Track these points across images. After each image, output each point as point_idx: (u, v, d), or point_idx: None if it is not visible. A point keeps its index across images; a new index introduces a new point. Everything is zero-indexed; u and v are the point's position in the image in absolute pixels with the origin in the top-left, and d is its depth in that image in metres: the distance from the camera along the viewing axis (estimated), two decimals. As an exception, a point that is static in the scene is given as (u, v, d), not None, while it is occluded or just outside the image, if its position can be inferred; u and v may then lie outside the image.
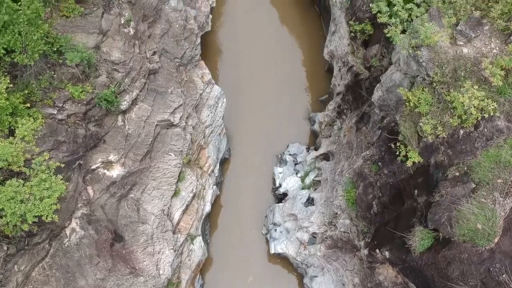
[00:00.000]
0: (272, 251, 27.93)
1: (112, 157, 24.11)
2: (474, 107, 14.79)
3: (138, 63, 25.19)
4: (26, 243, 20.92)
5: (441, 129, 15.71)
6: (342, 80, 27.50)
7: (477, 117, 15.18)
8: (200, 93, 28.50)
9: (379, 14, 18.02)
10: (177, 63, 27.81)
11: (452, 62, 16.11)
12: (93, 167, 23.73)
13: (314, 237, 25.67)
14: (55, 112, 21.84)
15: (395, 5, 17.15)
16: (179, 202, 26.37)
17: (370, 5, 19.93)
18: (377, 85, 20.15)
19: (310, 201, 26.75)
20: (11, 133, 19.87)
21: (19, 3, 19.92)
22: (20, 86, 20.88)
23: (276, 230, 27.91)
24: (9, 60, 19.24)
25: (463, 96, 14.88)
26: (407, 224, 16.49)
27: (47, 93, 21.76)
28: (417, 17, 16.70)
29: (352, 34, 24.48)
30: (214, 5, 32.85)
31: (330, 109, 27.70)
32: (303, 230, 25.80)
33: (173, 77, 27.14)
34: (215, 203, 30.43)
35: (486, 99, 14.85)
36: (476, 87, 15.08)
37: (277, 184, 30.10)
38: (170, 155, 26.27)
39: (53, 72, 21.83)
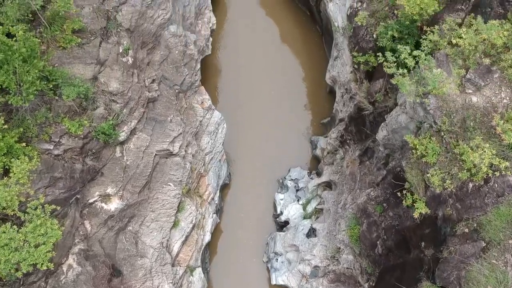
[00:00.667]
0: (274, 282, 27.45)
1: (110, 190, 23.61)
2: (485, 164, 14.27)
3: (137, 92, 24.66)
4: (21, 283, 20.46)
5: (450, 182, 15.20)
6: (345, 107, 26.99)
7: (488, 173, 14.68)
8: (200, 120, 27.97)
9: (385, 63, 17.49)
10: (177, 90, 27.28)
11: (460, 112, 15.60)
12: (91, 200, 23.24)
13: (317, 269, 25.17)
14: (52, 147, 21.34)
15: (402, 52, 16.61)
16: (178, 233, 25.85)
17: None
18: (382, 124, 19.64)
19: (312, 231, 26.25)
20: (6, 172, 19.38)
21: (14, 39, 19.46)
22: (15, 122, 20.38)
23: (277, 260, 27.43)
24: (3, 100, 18.71)
25: (473, 153, 14.36)
26: (413, 276, 15.98)
27: (43, 127, 21.26)
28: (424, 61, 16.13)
29: (355, 65, 23.97)
30: (214, 27, 32.31)
31: (332, 137, 27.19)
32: (305, 262, 25.32)
33: (172, 105, 26.60)
34: (215, 229, 29.92)
35: (497, 158, 14.34)
36: (487, 145, 14.54)
37: (278, 211, 29.60)
38: (169, 185, 25.74)
39: (49, 106, 21.33)
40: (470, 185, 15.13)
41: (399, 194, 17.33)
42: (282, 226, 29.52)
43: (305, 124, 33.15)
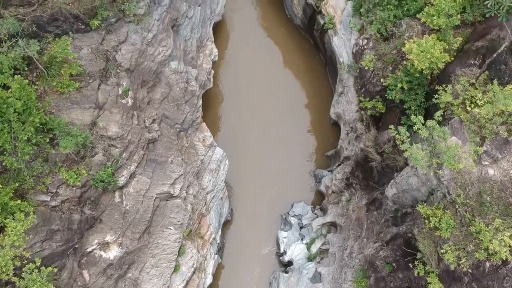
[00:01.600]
0: (277, 326, 26.79)
1: (109, 238, 22.90)
2: (504, 251, 13.59)
3: (137, 135, 23.96)
4: None
5: (465, 260, 14.52)
6: (350, 146, 26.29)
7: (506, 255, 13.99)
8: (202, 159, 27.26)
9: (398, 136, 16.74)
10: (178, 129, 26.57)
11: (476, 185, 14.92)
12: (89, 249, 22.53)
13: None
14: (48, 198, 20.65)
15: (415, 124, 15.85)
16: (179, 278, 25.16)
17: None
18: (392, 181, 18.96)
19: (317, 275, 25.53)
20: (1, 229, 18.70)
21: (10, 90, 18.77)
22: (11, 174, 19.66)
23: (280, 303, 26.76)
24: (-3, 159, 18.00)
25: (492, 240, 13.65)
26: None
27: (40, 178, 20.55)
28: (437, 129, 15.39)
29: (362, 110, 23.27)
30: (216, 58, 31.56)
31: (338, 178, 26.49)
32: (309, 309, 24.67)
33: (173, 145, 25.90)
34: (217, 267, 29.19)
35: (517, 243, 13.69)
36: (508, 233, 13.82)
37: (282, 250, 28.87)
38: (170, 229, 25.04)
39: (45, 156, 20.60)
40: (487, 264, 14.45)
41: (410, 265, 16.62)
42: (286, 265, 28.82)
43: (309, 157, 32.42)
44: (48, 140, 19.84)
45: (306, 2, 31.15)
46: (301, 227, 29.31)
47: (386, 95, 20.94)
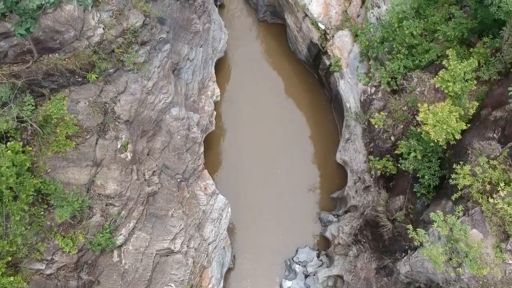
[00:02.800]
0: None
1: (107, 300, 21.96)
2: None
3: (136, 191, 23.03)
4: None
5: None
6: (358, 196, 25.34)
7: None
8: (203, 209, 26.30)
9: (415, 236, 15.79)
10: (179, 179, 25.63)
11: (500, 286, 13.98)
12: (86, 314, 21.58)
13: None
14: (43, 267, 19.74)
15: (435, 220, 14.87)
16: (180, 337, 24.18)
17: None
18: (405, 258, 18.02)
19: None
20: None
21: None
22: (3, 245, 18.69)
23: None
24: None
25: None
26: None
27: (34, 244, 19.60)
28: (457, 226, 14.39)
29: (373, 172, 22.34)
30: (218, 99, 30.60)
31: (345, 231, 25.54)
32: None
33: (174, 197, 24.96)
34: (218, 318, 28.20)
35: None
36: None
37: (286, 302, 27.95)
38: (171, 286, 24.13)
39: (41, 222, 19.66)
40: None
41: None
42: (290, 317, 27.91)
43: (314, 198, 31.46)
44: (42, 212, 18.88)
45: (311, 41, 30.19)
46: (306, 276, 28.35)
47: (399, 165, 20.02)
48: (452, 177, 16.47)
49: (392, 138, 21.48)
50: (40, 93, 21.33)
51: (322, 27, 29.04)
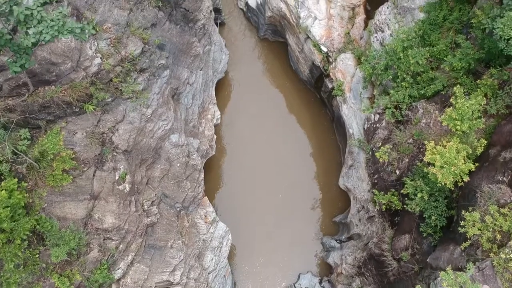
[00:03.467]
0: None
1: (103, 339, 21.40)
2: None
3: (135, 223, 22.51)
4: None
5: None
6: (362, 225, 24.80)
7: None
8: (203, 238, 25.76)
9: None
10: (178, 208, 25.11)
11: None
12: None
13: None
14: (39, 307, 19.14)
15: (444, 279, 14.28)
16: None
17: None
18: (411, 302, 17.51)
19: None
20: None
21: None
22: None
23: None
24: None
25: None
26: None
27: (30, 283, 19.07)
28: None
29: (377, 206, 21.81)
30: (218, 121, 30.06)
31: (348, 262, 25.02)
32: None
33: (173, 227, 24.43)
34: None
35: None
36: None
37: (288, 331, 27.43)
38: (170, 318, 23.57)
39: (36, 261, 19.12)
40: None
41: None
42: None
43: (316, 222, 30.92)
44: (37, 255, 18.35)
45: (313, 63, 29.66)
46: (308, 304, 27.83)
47: (405, 205, 19.51)
48: (461, 224, 15.94)
49: (397, 172, 20.99)
50: (36, 125, 20.81)
51: (325, 49, 28.52)
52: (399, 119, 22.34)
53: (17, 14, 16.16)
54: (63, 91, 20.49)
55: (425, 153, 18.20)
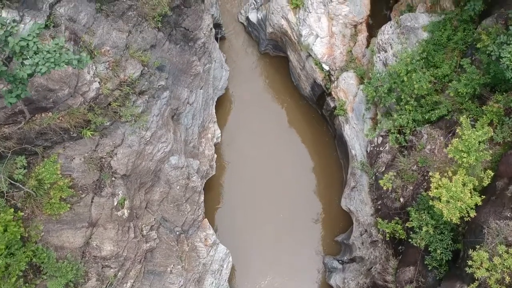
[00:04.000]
0: None
1: None
2: None
3: (134, 250, 22.13)
4: None
5: None
6: (365, 249, 24.41)
7: None
8: (203, 262, 25.36)
9: None
10: (178, 232, 24.73)
11: None
12: None
13: None
14: None
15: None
16: None
17: None
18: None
19: None
20: None
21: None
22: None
23: None
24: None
25: None
26: None
27: (26, 316, 18.66)
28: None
29: (381, 235, 21.41)
30: (219, 140, 29.65)
31: (351, 287, 24.60)
32: None
33: (172, 252, 24.05)
34: None
35: None
36: None
37: None
38: None
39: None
40: None
41: None
42: None
43: (317, 241, 30.48)
44: (34, 288, 17.96)
45: (315, 81, 29.25)
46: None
47: (410, 239, 19.11)
48: (468, 263, 15.54)
49: (402, 199, 20.62)
50: (33, 151, 20.42)
51: (326, 68, 28.12)
52: (403, 144, 21.95)
53: (13, 46, 15.76)
54: (60, 118, 20.09)
55: (430, 185, 17.81)
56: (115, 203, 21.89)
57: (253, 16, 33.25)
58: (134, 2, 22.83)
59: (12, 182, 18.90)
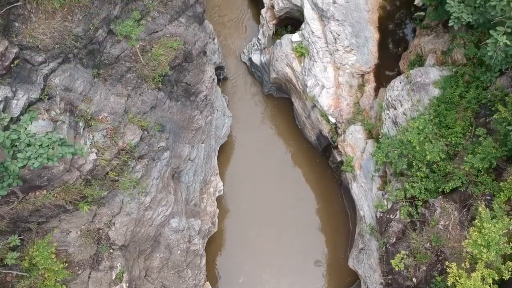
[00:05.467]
0: None
1: None
2: None
3: (132, 325, 21.09)
4: None
5: None
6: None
7: None
8: (206, 329, 24.38)
9: None
10: (179, 300, 23.68)
11: None
12: None
13: None
14: None
15: None
16: None
17: None
18: None
19: None
20: None
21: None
22: None
23: None
24: None
25: None
26: None
27: None
28: None
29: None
30: (221, 193, 28.64)
31: None
32: None
33: (173, 322, 23.02)
34: None
35: None
36: None
37: None
38: None
39: None
40: None
41: None
42: None
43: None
44: None
45: (321, 132, 28.25)
46: None
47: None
48: None
49: (414, 280, 19.64)
50: (27, 227, 19.46)
51: (333, 120, 27.12)
52: (415, 218, 20.97)
53: (3, 140, 14.83)
54: (55, 195, 19.12)
55: (446, 269, 16.82)
56: (113, 277, 20.91)
57: (256, 58, 32.26)
58: (133, 64, 21.89)
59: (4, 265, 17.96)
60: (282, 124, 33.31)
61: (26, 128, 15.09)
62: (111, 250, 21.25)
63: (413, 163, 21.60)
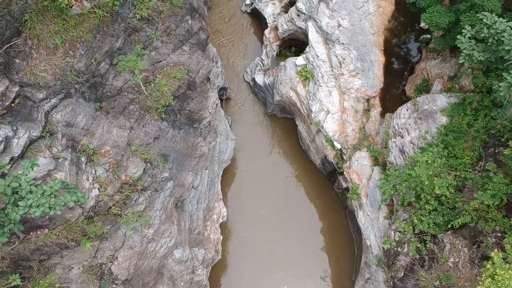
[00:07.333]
0: None
1: None
2: None
3: None
4: None
5: None
6: None
7: None
8: None
9: None
10: (182, 333, 23.25)
11: None
12: None
13: None
14: None
15: None
16: None
17: None
18: None
19: None
20: None
21: None
22: None
23: None
24: None
25: None
26: None
27: None
28: None
29: None
30: (225, 219, 28.21)
31: None
32: None
33: None
34: None
35: None
36: None
37: None
38: None
39: None
40: None
41: None
42: None
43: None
44: None
45: (326, 157, 27.84)
46: None
47: None
48: None
49: (423, 315, 19.30)
50: (28, 265, 19.05)
51: (338, 146, 26.72)
52: (424, 253, 20.58)
53: (4, 189, 14.44)
54: (57, 233, 18.75)
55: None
56: (116, 314, 20.51)
57: (260, 79, 31.87)
58: (136, 95, 21.52)
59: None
60: (286, 145, 32.91)
61: (26, 175, 14.70)
62: (114, 286, 20.85)
63: (421, 196, 21.21)
